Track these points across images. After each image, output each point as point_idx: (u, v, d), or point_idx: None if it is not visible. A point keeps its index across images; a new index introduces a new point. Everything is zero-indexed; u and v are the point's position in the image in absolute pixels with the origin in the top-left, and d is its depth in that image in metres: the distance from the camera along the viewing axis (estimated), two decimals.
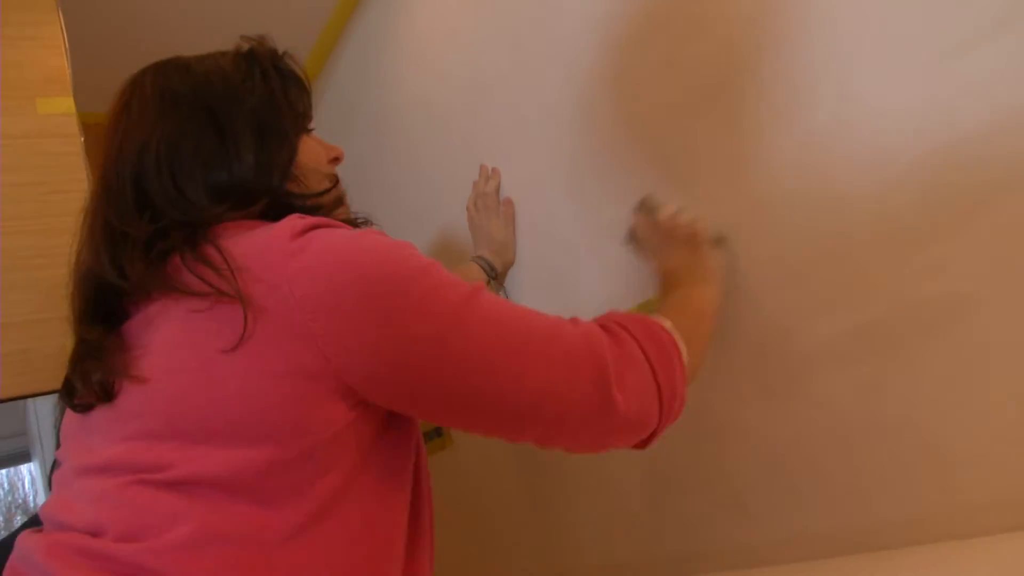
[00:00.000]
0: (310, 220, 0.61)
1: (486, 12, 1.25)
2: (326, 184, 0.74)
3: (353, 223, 0.76)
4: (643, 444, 0.69)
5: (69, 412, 0.68)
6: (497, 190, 1.21)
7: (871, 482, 0.75)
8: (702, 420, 0.92)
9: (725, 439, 0.89)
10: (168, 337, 0.60)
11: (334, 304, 0.56)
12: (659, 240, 0.86)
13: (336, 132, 1.80)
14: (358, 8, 1.65)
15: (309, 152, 0.73)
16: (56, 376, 0.69)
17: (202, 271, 0.59)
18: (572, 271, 1.09)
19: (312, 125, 0.76)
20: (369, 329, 0.56)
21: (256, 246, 0.59)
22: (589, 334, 0.63)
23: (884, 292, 0.72)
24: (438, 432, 1.41)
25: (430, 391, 0.59)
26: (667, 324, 0.69)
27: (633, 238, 0.92)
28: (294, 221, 0.60)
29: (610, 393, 0.61)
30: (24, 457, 4.02)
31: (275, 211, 0.64)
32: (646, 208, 0.88)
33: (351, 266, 0.57)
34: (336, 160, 0.78)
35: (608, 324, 0.67)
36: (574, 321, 0.65)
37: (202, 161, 0.66)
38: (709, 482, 0.92)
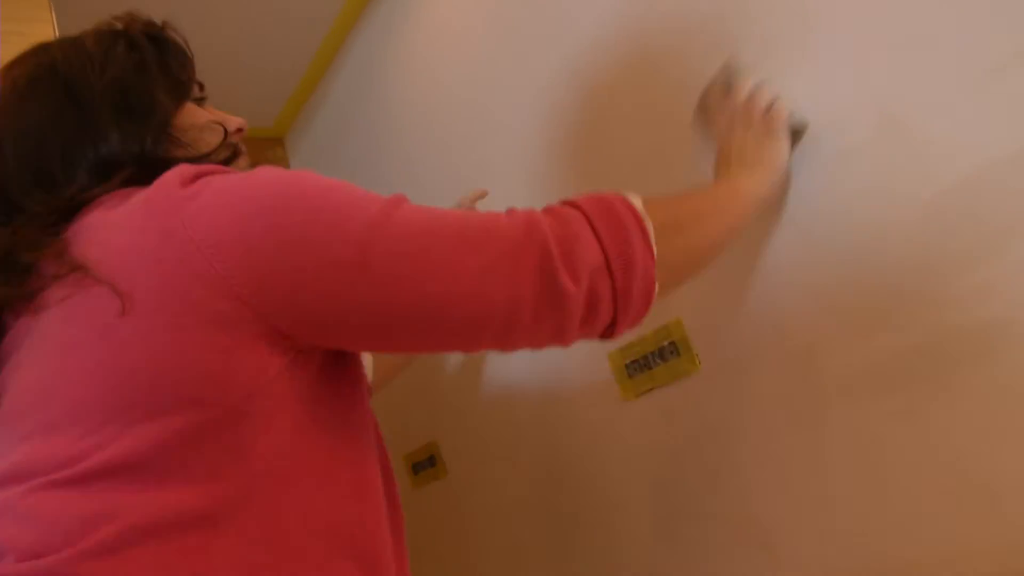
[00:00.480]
0: (200, 168, 0.56)
1: (492, 22, 1.24)
2: (216, 138, 0.67)
3: None
4: (610, 332, 0.63)
5: None
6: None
7: (909, 517, 0.72)
8: (725, 451, 0.89)
9: (750, 472, 0.86)
10: (48, 319, 0.54)
11: (240, 239, 0.51)
12: (728, 120, 0.78)
13: (335, 139, 1.78)
14: (361, 16, 1.63)
15: (191, 115, 0.68)
16: None
17: (54, 265, 0.54)
18: None
19: (202, 94, 0.71)
20: (282, 260, 0.51)
21: (139, 201, 0.54)
22: (527, 221, 0.58)
23: (924, 317, 0.70)
24: (431, 462, 1.35)
25: (363, 318, 0.54)
26: (636, 202, 0.62)
27: (702, 114, 0.81)
28: (182, 169, 0.55)
29: (557, 280, 0.56)
30: None
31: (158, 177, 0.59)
32: (722, 80, 0.78)
33: (253, 199, 0.53)
34: (239, 131, 0.72)
35: (553, 206, 0.61)
36: (510, 212, 0.60)
37: (61, 140, 0.61)
38: (733, 518, 0.88)
